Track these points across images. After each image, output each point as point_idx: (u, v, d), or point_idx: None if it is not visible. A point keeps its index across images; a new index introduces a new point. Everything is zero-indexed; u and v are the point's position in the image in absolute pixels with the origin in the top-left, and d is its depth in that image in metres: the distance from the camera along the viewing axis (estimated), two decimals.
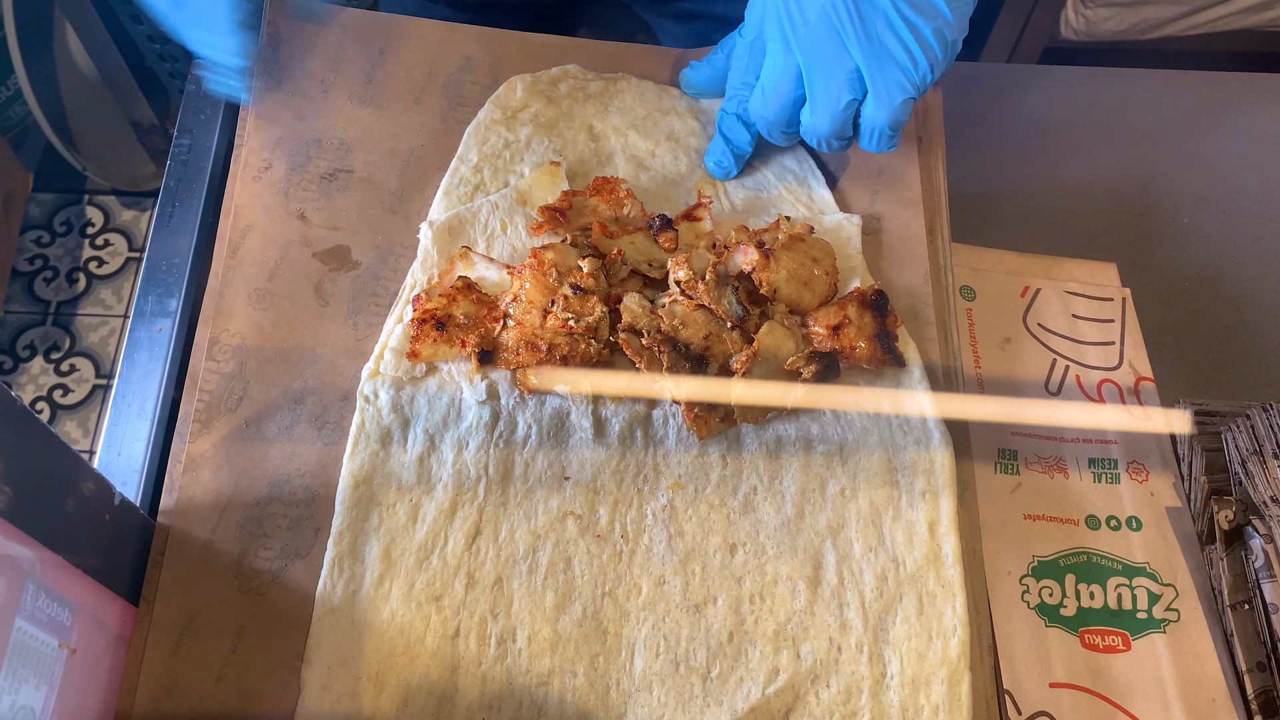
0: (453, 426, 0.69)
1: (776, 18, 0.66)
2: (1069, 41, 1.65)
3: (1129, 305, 0.80)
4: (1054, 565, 0.69)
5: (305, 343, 0.72)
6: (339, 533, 0.65)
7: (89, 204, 2.05)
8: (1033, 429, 0.74)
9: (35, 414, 0.51)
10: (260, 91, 0.81)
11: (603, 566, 0.65)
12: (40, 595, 0.51)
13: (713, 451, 0.69)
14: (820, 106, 0.68)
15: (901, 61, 0.65)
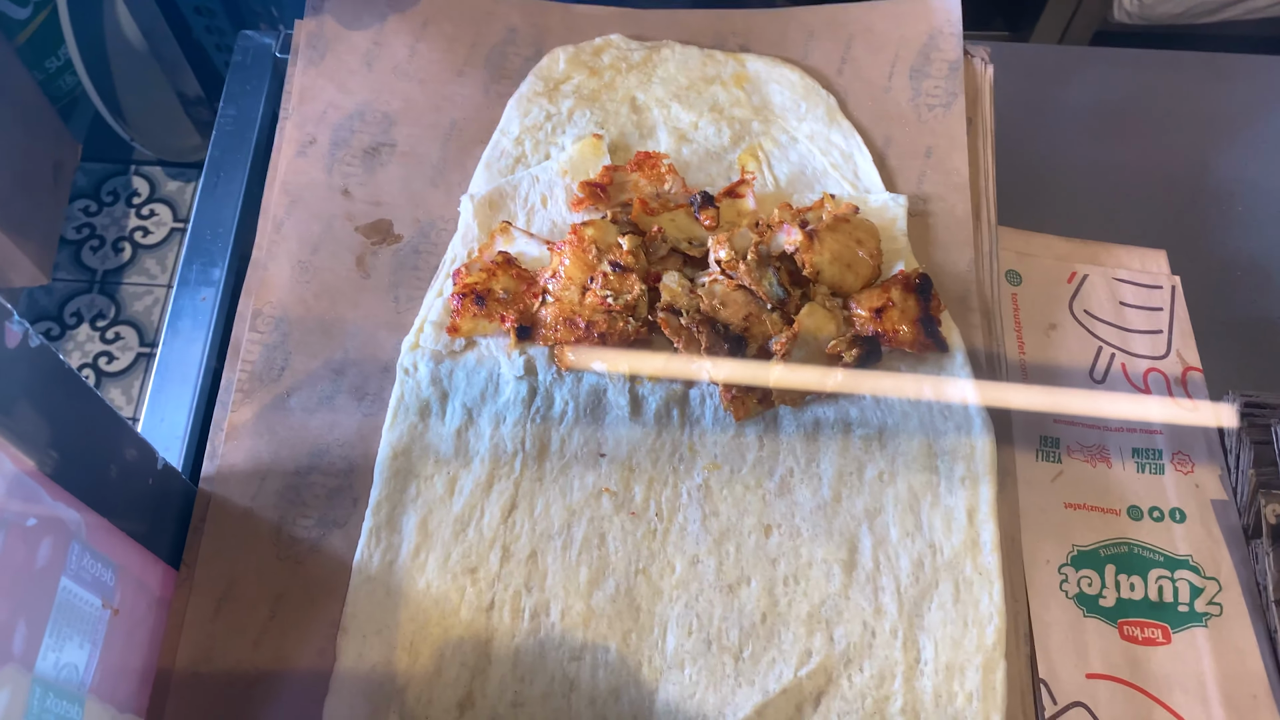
0: (490, 401, 0.69)
1: None
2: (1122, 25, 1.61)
3: (1178, 293, 0.79)
4: (1094, 555, 0.68)
5: (346, 315, 0.72)
6: (377, 503, 0.65)
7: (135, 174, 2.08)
8: (1076, 417, 0.73)
9: (83, 380, 0.52)
10: (305, 65, 0.81)
11: (637, 544, 0.65)
12: (85, 556, 0.52)
13: (749, 432, 0.69)
14: None
15: None
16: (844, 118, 0.81)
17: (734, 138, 0.79)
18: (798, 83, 0.81)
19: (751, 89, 0.81)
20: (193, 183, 2.06)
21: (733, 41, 0.85)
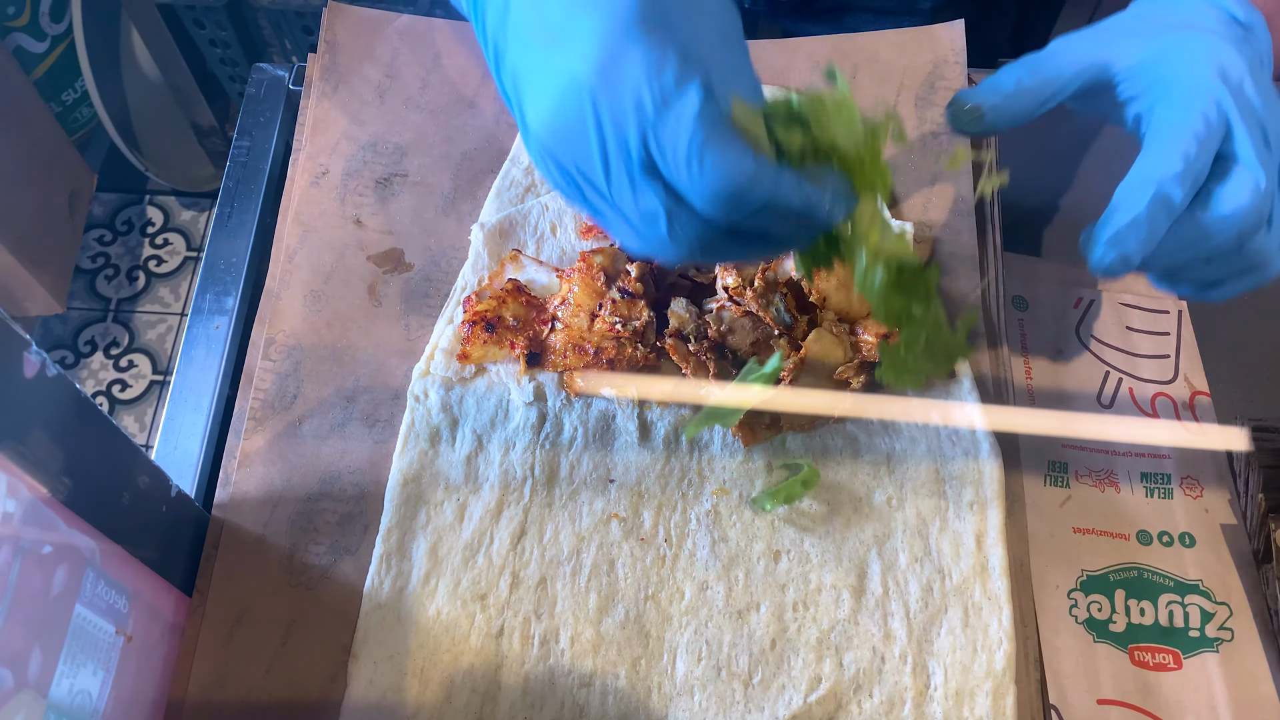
0: (500, 427, 0.69)
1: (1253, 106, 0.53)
2: None
3: (1185, 318, 0.79)
4: (1103, 580, 0.68)
5: (358, 343, 0.73)
6: (387, 530, 0.66)
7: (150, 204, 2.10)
8: (1084, 442, 0.73)
9: (99, 408, 0.53)
10: (318, 97, 0.82)
11: (646, 570, 0.65)
12: (100, 583, 0.52)
13: (758, 458, 0.69)
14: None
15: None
16: None
17: None
18: None
19: None
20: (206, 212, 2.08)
21: None
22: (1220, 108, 0.52)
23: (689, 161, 0.45)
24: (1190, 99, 0.53)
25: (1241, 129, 0.52)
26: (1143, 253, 0.53)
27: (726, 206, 0.46)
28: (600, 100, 0.45)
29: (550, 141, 0.48)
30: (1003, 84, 0.56)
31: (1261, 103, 0.53)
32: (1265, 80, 0.54)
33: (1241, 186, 0.52)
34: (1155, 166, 0.52)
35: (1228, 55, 0.53)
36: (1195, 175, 0.52)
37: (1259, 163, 0.52)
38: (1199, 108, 0.52)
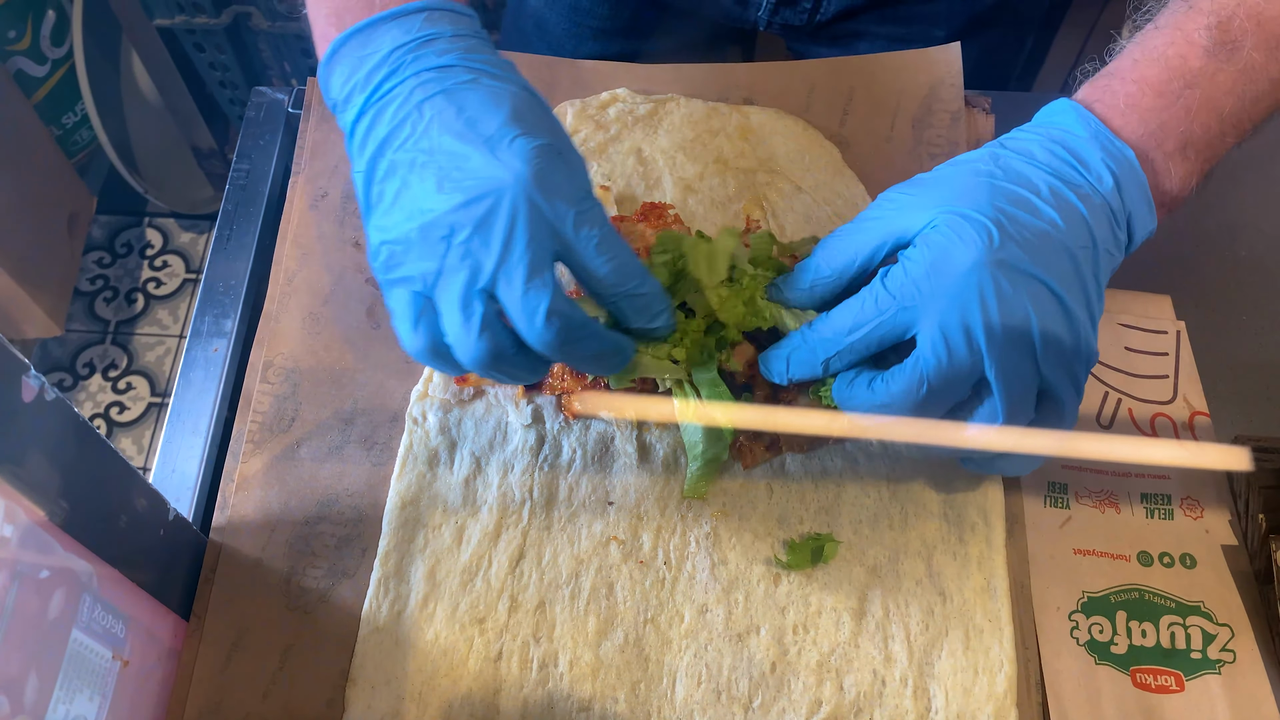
0: (498, 449, 0.69)
1: (959, 312, 0.54)
2: None
3: (1183, 338, 0.79)
4: (1104, 601, 0.68)
5: (356, 365, 0.73)
6: (385, 553, 0.66)
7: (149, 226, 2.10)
8: (1084, 462, 0.73)
9: (97, 432, 0.53)
10: (317, 120, 0.82)
11: (645, 593, 0.65)
12: (96, 607, 0.52)
13: (758, 480, 0.69)
14: (1012, 417, 0.57)
15: (1070, 400, 0.58)
16: (847, 168, 0.82)
17: (739, 188, 0.80)
18: (801, 134, 0.83)
19: (755, 141, 0.82)
20: (205, 234, 2.09)
21: (737, 95, 0.86)
22: (908, 307, 0.55)
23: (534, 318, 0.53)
24: (886, 292, 0.56)
25: (926, 332, 0.55)
26: (782, 379, 0.62)
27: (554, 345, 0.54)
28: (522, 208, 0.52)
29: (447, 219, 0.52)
30: (804, 277, 0.62)
31: (997, 305, 0.54)
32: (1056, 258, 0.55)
33: (900, 379, 0.57)
34: (817, 323, 0.60)
35: (965, 260, 0.54)
36: (842, 346, 0.58)
37: (926, 368, 0.55)
38: (882, 298, 0.56)
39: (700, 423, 0.67)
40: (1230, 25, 0.57)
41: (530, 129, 0.54)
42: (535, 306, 0.52)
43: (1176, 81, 0.58)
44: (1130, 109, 0.59)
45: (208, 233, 2.09)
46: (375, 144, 0.55)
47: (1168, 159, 0.59)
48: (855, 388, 0.59)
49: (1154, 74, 0.59)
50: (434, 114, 0.54)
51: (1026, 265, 0.54)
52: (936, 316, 0.55)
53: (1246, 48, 0.57)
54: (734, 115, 0.84)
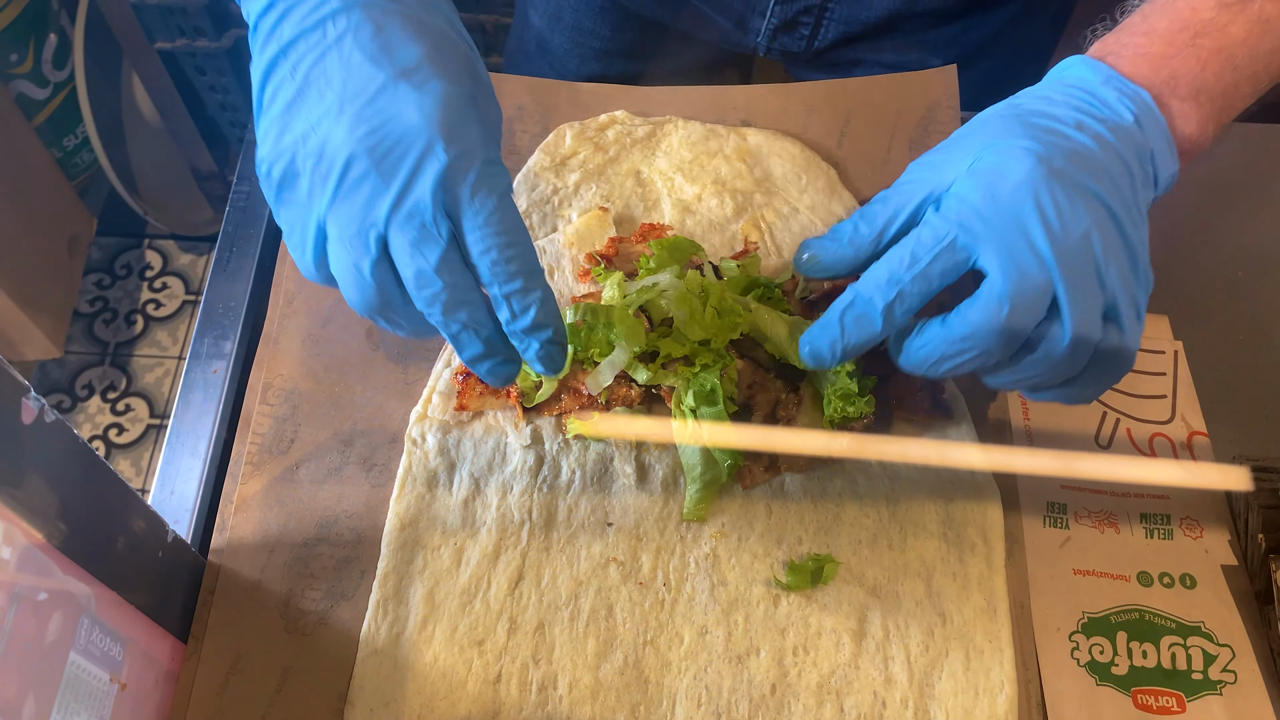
0: (497, 470, 0.69)
1: (1025, 226, 0.53)
2: None
3: (1181, 358, 0.79)
4: (1105, 622, 0.68)
5: (356, 386, 0.73)
6: (384, 575, 0.65)
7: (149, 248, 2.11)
8: (1083, 482, 0.73)
9: (96, 454, 0.53)
10: None
11: (644, 614, 0.65)
12: (95, 630, 0.52)
13: (757, 500, 0.69)
14: (1080, 335, 0.54)
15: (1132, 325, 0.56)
16: (844, 189, 0.82)
17: (736, 209, 0.81)
18: (798, 155, 0.83)
19: (753, 162, 0.83)
20: (205, 256, 2.09)
21: (734, 116, 0.87)
22: (968, 229, 0.53)
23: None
24: (943, 220, 0.54)
25: (995, 251, 0.53)
26: (834, 352, 0.56)
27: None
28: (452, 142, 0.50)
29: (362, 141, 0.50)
30: (841, 233, 0.59)
31: (1057, 217, 0.52)
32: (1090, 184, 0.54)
33: (978, 307, 0.53)
34: (867, 274, 0.56)
35: (1018, 175, 0.53)
36: (905, 287, 0.54)
37: (1005, 286, 0.53)
38: (939, 226, 0.54)
39: (699, 444, 0.67)
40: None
41: (449, 72, 0.52)
42: (423, 260, 0.50)
43: (1186, 32, 0.58)
44: (1141, 58, 0.58)
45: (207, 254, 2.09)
46: (279, 44, 0.52)
47: (1183, 104, 0.58)
48: (927, 331, 0.55)
49: (1163, 25, 0.59)
50: (350, 27, 0.51)
51: (1079, 178, 0.53)
52: (1000, 235, 0.53)
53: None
54: (732, 137, 0.84)
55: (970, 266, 0.54)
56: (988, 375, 0.57)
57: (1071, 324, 0.53)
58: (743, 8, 0.93)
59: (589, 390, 0.68)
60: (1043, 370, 0.55)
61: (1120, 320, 0.55)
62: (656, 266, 0.72)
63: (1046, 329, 0.54)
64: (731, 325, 0.68)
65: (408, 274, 0.51)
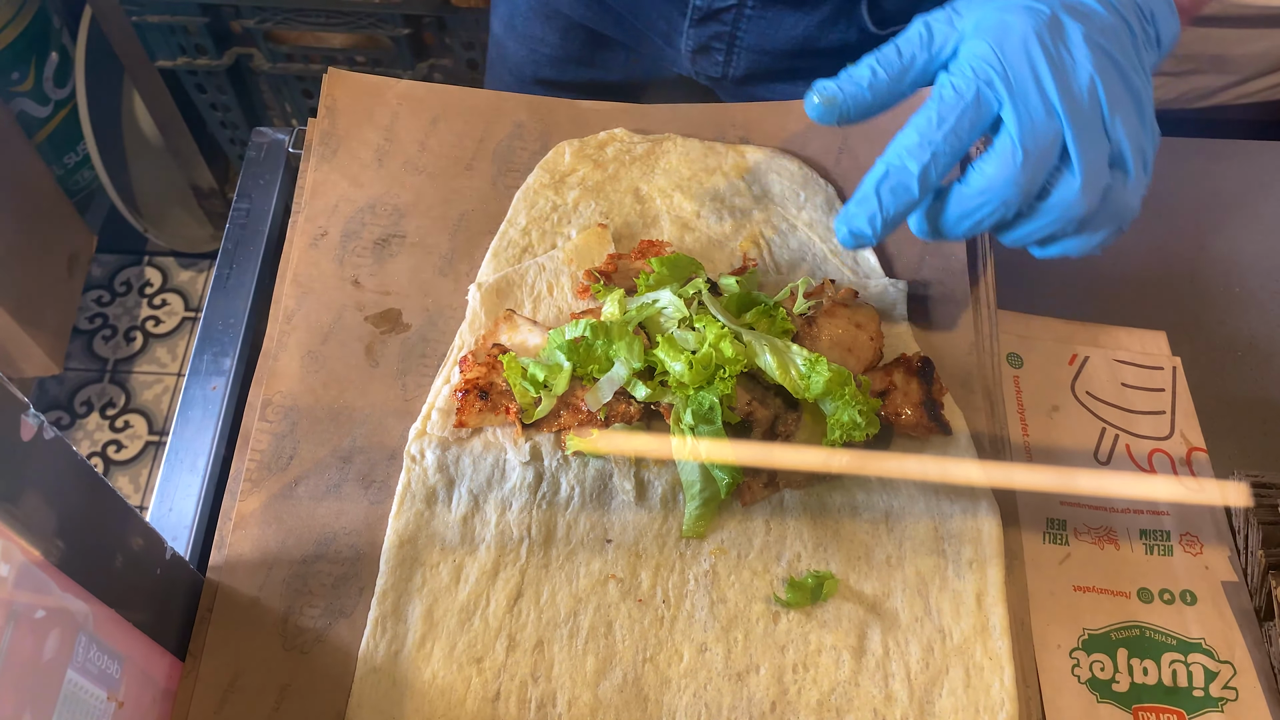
0: (496, 487, 0.69)
1: (1033, 75, 0.56)
2: None
3: (1179, 374, 0.79)
4: (1105, 639, 0.68)
5: (355, 403, 0.73)
6: (382, 592, 0.65)
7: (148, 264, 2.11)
8: (1082, 498, 0.73)
9: (95, 471, 0.53)
10: (317, 161, 0.83)
11: (644, 632, 0.65)
12: (92, 647, 0.52)
13: (756, 517, 0.69)
14: (1090, 180, 0.56)
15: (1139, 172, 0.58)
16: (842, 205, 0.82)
17: (735, 226, 0.81)
18: (796, 173, 0.83)
19: (752, 179, 0.83)
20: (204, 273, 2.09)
21: (733, 134, 0.87)
22: (988, 82, 0.56)
23: None
24: (960, 76, 0.57)
25: (1010, 101, 0.55)
26: (874, 227, 0.58)
27: None
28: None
29: None
30: (859, 76, 0.60)
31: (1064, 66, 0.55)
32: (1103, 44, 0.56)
33: (993, 159, 0.56)
34: (895, 144, 0.57)
35: (1022, 28, 0.56)
36: (937, 147, 0.56)
37: (1019, 134, 0.55)
38: (959, 84, 0.56)
39: (697, 461, 0.67)
40: None
41: None
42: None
43: None
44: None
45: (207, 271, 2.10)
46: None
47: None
48: (950, 191, 0.58)
49: None
50: None
51: (1081, 29, 0.56)
52: (1014, 86, 0.55)
53: None
54: (730, 154, 0.85)
55: (994, 118, 0.56)
56: (1007, 229, 0.59)
57: (1081, 168, 0.55)
58: (666, 28, 0.95)
59: (588, 407, 0.68)
60: (1055, 218, 0.57)
61: (1126, 166, 0.57)
62: (656, 283, 0.72)
63: (1058, 176, 0.57)
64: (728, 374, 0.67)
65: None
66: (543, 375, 0.69)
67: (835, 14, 0.89)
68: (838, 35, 0.91)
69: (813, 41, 0.91)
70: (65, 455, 0.50)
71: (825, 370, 0.66)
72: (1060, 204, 0.57)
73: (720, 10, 0.91)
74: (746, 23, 0.91)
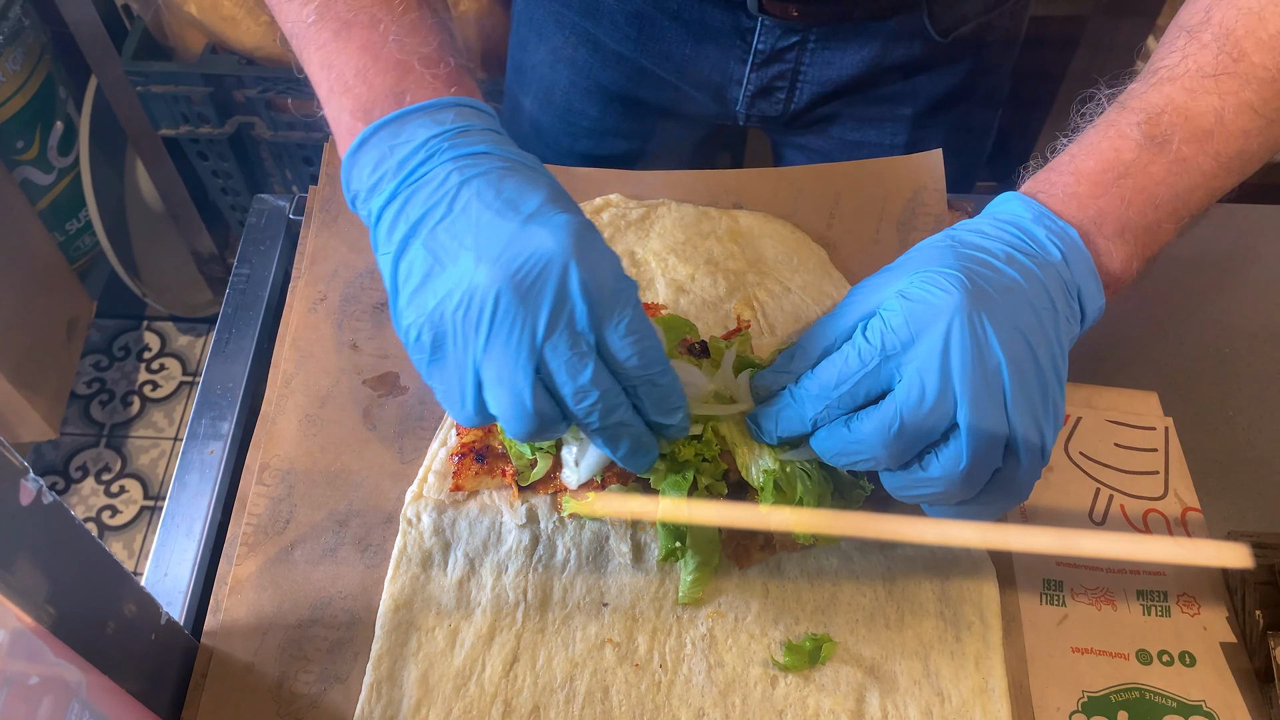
0: (493, 550, 0.69)
1: (936, 356, 0.55)
2: None
3: (1172, 434, 0.80)
4: (1105, 701, 0.67)
5: (352, 466, 0.73)
6: (378, 657, 0.65)
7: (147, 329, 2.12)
8: (1079, 559, 0.73)
9: (93, 537, 0.53)
10: (318, 227, 0.84)
11: (641, 697, 0.64)
12: (85, 715, 0.51)
13: (754, 579, 0.69)
14: (976, 466, 0.57)
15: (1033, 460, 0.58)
16: (835, 269, 0.84)
17: (729, 289, 0.82)
18: (789, 237, 0.85)
19: (745, 243, 0.84)
20: (203, 337, 2.10)
21: (726, 199, 0.88)
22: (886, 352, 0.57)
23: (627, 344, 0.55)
24: (870, 344, 0.58)
25: (905, 377, 0.56)
26: (770, 437, 0.63)
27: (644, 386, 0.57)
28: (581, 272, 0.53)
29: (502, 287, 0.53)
30: (783, 365, 0.64)
31: (973, 348, 0.55)
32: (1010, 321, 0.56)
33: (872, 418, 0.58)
34: (801, 386, 0.61)
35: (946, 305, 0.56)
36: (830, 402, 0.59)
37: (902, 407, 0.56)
38: (865, 352, 0.58)
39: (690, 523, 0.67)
40: (1159, 120, 0.61)
41: (569, 207, 0.56)
42: (581, 375, 0.54)
43: (1111, 172, 0.61)
44: (1069, 197, 0.62)
45: (205, 336, 2.11)
46: (407, 225, 0.56)
47: (1108, 241, 0.61)
48: (832, 430, 0.60)
49: (1090, 166, 0.62)
50: (472, 195, 0.55)
51: (1001, 312, 0.56)
52: (915, 360, 0.56)
53: (1176, 141, 0.61)
54: (724, 218, 0.86)
55: (892, 388, 0.57)
56: (885, 480, 0.61)
57: (969, 451, 0.56)
58: (720, 79, 0.96)
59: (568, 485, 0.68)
60: (939, 490, 0.58)
61: (1019, 453, 0.57)
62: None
63: (944, 451, 0.57)
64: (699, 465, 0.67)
65: (567, 391, 0.55)
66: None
67: (898, 32, 0.90)
68: (902, 51, 0.92)
69: (879, 62, 0.92)
70: (62, 520, 0.50)
71: (772, 492, 0.64)
72: (944, 479, 0.57)
73: (784, 50, 0.92)
74: (810, 56, 0.92)
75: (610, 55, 0.98)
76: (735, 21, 0.90)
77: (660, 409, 0.59)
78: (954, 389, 0.55)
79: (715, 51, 0.94)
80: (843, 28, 0.89)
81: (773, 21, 0.89)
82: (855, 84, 0.94)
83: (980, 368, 0.55)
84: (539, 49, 1.02)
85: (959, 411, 0.56)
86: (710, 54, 0.94)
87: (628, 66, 0.98)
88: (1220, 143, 0.61)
